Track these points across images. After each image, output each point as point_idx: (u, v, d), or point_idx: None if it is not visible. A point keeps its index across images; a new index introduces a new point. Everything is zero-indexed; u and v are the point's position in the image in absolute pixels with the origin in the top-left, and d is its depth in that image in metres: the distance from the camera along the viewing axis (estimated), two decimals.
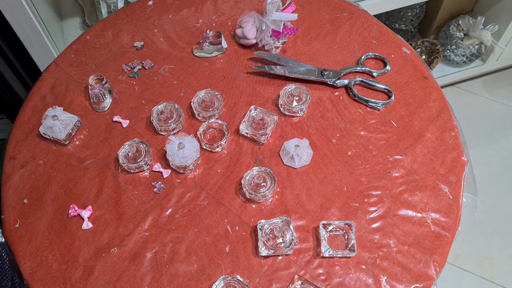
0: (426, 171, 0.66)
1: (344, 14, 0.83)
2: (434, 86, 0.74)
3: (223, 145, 0.68)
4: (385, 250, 0.61)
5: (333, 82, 0.74)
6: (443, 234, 0.62)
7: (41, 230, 0.62)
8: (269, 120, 0.69)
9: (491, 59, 1.54)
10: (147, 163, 0.66)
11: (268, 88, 0.74)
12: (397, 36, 0.80)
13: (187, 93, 0.74)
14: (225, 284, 0.57)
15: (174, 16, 0.83)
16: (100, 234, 0.62)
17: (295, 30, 0.76)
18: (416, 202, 0.64)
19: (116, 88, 0.74)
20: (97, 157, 0.68)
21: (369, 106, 0.72)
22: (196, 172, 0.67)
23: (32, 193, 0.65)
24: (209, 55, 0.78)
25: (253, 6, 0.84)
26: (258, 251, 0.60)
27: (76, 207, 0.63)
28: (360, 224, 0.62)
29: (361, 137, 0.69)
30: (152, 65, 0.77)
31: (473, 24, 1.42)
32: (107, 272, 0.59)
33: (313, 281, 0.58)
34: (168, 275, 0.59)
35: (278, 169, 0.67)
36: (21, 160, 0.67)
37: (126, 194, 0.65)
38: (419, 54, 1.55)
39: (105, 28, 0.81)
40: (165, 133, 0.70)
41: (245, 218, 0.63)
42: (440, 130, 0.70)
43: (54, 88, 0.74)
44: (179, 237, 0.62)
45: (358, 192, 0.65)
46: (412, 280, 0.59)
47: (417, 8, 1.47)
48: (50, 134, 0.67)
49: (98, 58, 0.78)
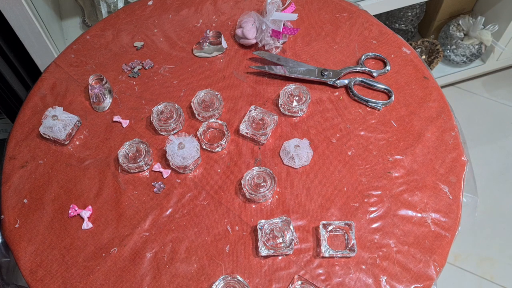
0: (426, 171, 0.66)
1: (344, 14, 0.83)
2: (434, 86, 0.74)
3: (223, 145, 0.68)
4: (385, 250, 0.61)
5: (333, 82, 0.74)
6: (443, 234, 0.62)
7: (41, 230, 0.62)
8: (269, 120, 0.69)
9: (491, 59, 1.54)
10: (147, 163, 0.66)
11: (268, 88, 0.74)
12: (397, 36, 0.80)
13: (187, 93, 0.74)
14: (225, 284, 0.57)
15: (174, 16, 0.83)
16: (100, 234, 0.62)
17: (295, 30, 0.76)
18: (416, 202, 0.64)
19: (116, 88, 0.74)
20: (97, 157, 0.68)
21: (369, 106, 0.72)
22: (196, 172, 0.67)
23: (32, 193, 0.65)
24: (209, 55, 0.78)
25: (253, 6, 0.84)
26: (258, 251, 0.60)
27: (76, 207, 0.63)
28: (360, 224, 0.62)
29: (361, 137, 0.69)
30: (152, 65, 0.77)
31: (473, 24, 1.42)
32: (107, 272, 0.59)
33: (313, 281, 0.58)
34: (168, 275, 0.59)
35: (278, 169, 0.67)
36: (21, 160, 0.67)
37: (126, 194, 0.65)
38: (419, 54, 1.55)
39: (105, 28, 0.81)
40: (165, 133, 0.70)
41: (245, 218, 0.63)
42: (440, 130, 0.70)
43: (54, 88, 0.74)
44: (179, 237, 0.62)
45: (358, 192, 0.65)
46: (412, 280, 0.59)
47: (417, 8, 1.48)
48: (50, 134, 0.67)
49: (98, 58, 0.78)
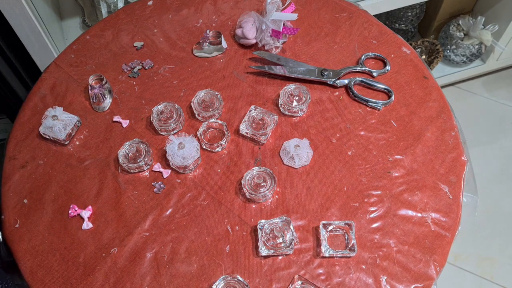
0: (426, 171, 0.66)
1: (344, 14, 0.83)
2: (434, 86, 0.74)
3: (223, 145, 0.68)
4: (385, 250, 0.61)
5: (333, 82, 0.74)
6: (443, 234, 0.62)
7: (41, 230, 0.62)
8: (269, 120, 0.69)
9: (491, 59, 1.54)
10: (147, 163, 0.66)
11: (268, 88, 0.74)
12: (397, 36, 0.80)
13: (187, 93, 0.74)
14: (225, 284, 0.57)
15: (174, 16, 0.83)
16: (100, 234, 0.62)
17: (295, 30, 0.76)
18: (416, 202, 0.64)
19: (116, 88, 0.74)
20: (97, 157, 0.68)
21: (369, 106, 0.72)
22: (196, 172, 0.67)
23: (32, 193, 0.65)
24: (209, 55, 0.78)
25: (253, 6, 0.84)
26: (258, 251, 0.60)
27: (76, 207, 0.63)
28: (360, 224, 0.62)
29: (361, 137, 0.69)
30: (152, 65, 0.77)
31: (473, 24, 1.42)
32: (107, 272, 0.59)
33: (313, 281, 0.58)
34: (168, 275, 0.59)
35: (278, 169, 0.67)
36: (21, 160, 0.67)
37: (126, 194, 0.65)
38: (419, 54, 1.55)
39: (105, 28, 0.81)
40: (165, 133, 0.70)
41: (245, 218, 0.63)
42: (440, 130, 0.70)
43: (54, 88, 0.74)
44: (179, 237, 0.61)
45: (358, 192, 0.65)
46: (412, 280, 0.59)
47: (417, 8, 1.47)
48: (50, 134, 0.67)
49: (98, 58, 0.77)
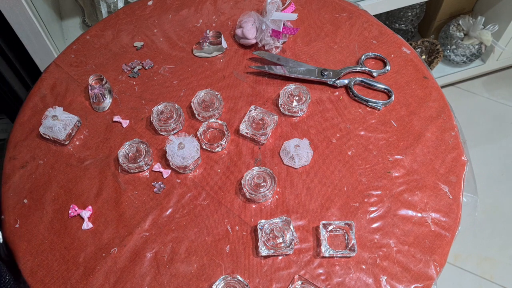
0: (426, 171, 0.66)
1: (344, 14, 0.83)
2: (434, 86, 0.74)
3: (223, 145, 0.68)
4: (385, 250, 0.61)
5: (333, 82, 0.74)
6: (443, 234, 0.62)
7: (41, 230, 0.62)
8: (269, 120, 0.69)
9: (491, 59, 1.54)
10: (147, 163, 0.66)
11: (268, 88, 0.74)
12: (397, 36, 0.80)
13: (187, 93, 0.74)
14: (225, 284, 0.57)
15: (174, 16, 0.83)
16: (100, 234, 0.62)
17: (295, 30, 0.76)
18: (416, 202, 0.64)
19: (116, 88, 0.74)
20: (97, 157, 0.68)
21: (369, 106, 0.72)
22: (196, 172, 0.67)
23: (32, 193, 0.65)
24: (209, 55, 0.78)
25: (253, 6, 0.84)
26: (258, 251, 0.60)
27: (76, 207, 0.63)
28: (360, 224, 0.62)
29: (361, 137, 0.69)
30: (152, 65, 0.77)
31: (473, 24, 1.42)
32: (107, 272, 0.59)
33: (313, 281, 0.58)
34: (168, 275, 0.59)
35: (278, 169, 0.67)
36: (21, 160, 0.67)
37: (126, 194, 0.65)
38: (419, 54, 1.55)
39: (105, 28, 0.81)
40: (165, 133, 0.70)
41: (245, 218, 0.63)
42: (440, 130, 0.70)
43: (54, 88, 0.74)
44: (179, 237, 0.61)
45: (358, 192, 0.65)
46: (412, 280, 0.59)
47: (417, 8, 1.48)
48: (50, 134, 0.67)
49: (98, 58, 0.77)
